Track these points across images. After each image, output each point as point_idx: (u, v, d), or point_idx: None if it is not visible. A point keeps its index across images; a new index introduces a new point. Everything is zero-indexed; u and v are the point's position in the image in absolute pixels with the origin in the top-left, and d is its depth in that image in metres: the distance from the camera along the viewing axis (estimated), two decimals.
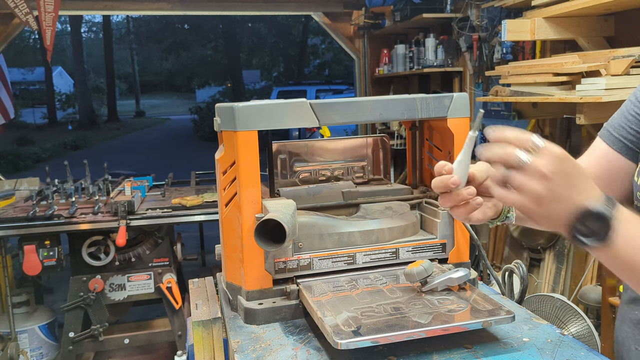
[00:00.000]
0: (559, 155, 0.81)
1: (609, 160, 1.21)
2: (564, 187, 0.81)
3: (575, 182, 0.81)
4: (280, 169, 1.71)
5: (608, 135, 1.23)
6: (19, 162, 14.22)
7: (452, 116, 1.48)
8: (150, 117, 31.57)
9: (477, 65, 4.12)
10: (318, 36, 26.34)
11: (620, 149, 1.20)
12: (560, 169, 0.81)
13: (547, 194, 0.81)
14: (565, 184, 0.81)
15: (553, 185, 0.80)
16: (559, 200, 0.81)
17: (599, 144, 1.26)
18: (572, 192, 0.81)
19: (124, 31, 33.88)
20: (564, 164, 0.81)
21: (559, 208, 0.82)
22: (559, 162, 0.81)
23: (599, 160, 1.24)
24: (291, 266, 1.39)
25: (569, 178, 0.81)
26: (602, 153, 1.23)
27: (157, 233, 3.41)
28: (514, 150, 0.84)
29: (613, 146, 1.21)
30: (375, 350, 1.16)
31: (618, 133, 1.21)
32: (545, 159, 0.81)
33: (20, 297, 3.58)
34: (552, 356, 1.15)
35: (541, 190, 0.81)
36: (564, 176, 0.81)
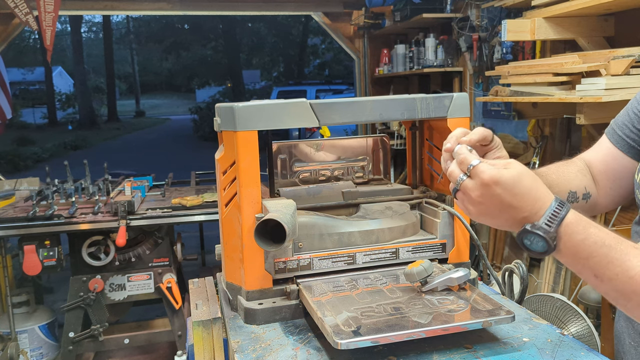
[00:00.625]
0: (486, 182, 0.85)
1: (614, 157, 1.22)
2: (496, 209, 0.86)
3: (508, 203, 0.85)
4: (280, 169, 1.71)
5: (612, 133, 1.23)
6: (19, 162, 14.22)
7: (452, 116, 1.48)
8: (150, 117, 31.57)
9: (477, 65, 4.12)
10: (318, 36, 26.35)
11: (623, 147, 1.21)
12: (487, 194, 0.85)
13: (481, 213, 0.88)
14: (496, 206, 0.86)
15: (484, 208, 0.87)
16: (495, 218, 0.88)
17: (604, 142, 1.26)
18: (506, 213, 0.86)
19: (124, 31, 33.88)
20: (491, 190, 0.85)
21: (499, 224, 0.88)
22: (485, 188, 0.85)
23: (605, 158, 1.24)
24: (291, 266, 1.39)
25: (500, 202, 0.85)
26: (608, 151, 1.23)
27: (157, 233, 3.41)
28: (456, 169, 0.90)
29: (617, 144, 1.22)
30: (375, 350, 1.16)
31: (621, 131, 1.21)
32: (473, 184, 0.87)
33: (20, 297, 3.58)
34: (552, 356, 1.15)
35: (474, 210, 0.89)
36: (493, 201, 0.85)
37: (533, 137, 3.54)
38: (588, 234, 0.86)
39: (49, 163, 6.91)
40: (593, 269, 0.86)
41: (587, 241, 0.85)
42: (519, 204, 0.85)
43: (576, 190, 1.23)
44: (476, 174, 0.86)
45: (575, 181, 1.24)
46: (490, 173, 0.85)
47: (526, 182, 0.86)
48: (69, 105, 28.23)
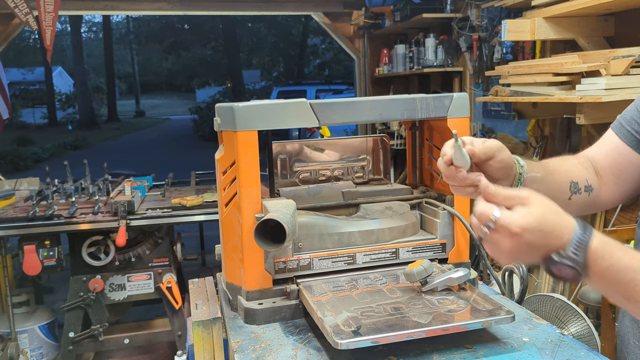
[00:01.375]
0: (514, 232, 0.85)
1: (620, 153, 1.20)
2: (527, 252, 0.87)
3: (539, 245, 0.86)
4: (280, 169, 1.71)
5: (620, 127, 1.21)
6: (19, 162, 14.22)
7: (452, 116, 1.48)
8: (150, 117, 31.57)
9: (477, 65, 4.12)
10: (318, 36, 26.34)
11: (631, 143, 1.19)
12: (517, 243, 0.86)
13: (513, 259, 0.89)
14: (526, 250, 0.86)
15: (516, 254, 0.87)
16: (526, 258, 0.88)
17: (610, 136, 1.23)
18: (537, 252, 0.86)
19: (124, 31, 33.88)
20: (521, 239, 0.85)
21: (529, 261, 0.89)
22: (515, 237, 0.86)
23: (610, 153, 1.22)
24: (291, 266, 1.39)
25: (530, 244, 0.86)
26: (614, 146, 1.21)
27: (157, 233, 3.41)
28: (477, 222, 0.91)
29: (624, 139, 1.20)
30: (375, 350, 1.16)
31: (630, 126, 1.19)
32: (501, 237, 0.87)
33: (20, 297, 3.58)
34: (552, 356, 1.15)
35: (506, 258, 0.89)
36: (522, 246, 0.86)
37: (533, 137, 3.54)
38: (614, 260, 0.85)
39: (49, 163, 6.91)
40: (623, 293, 0.86)
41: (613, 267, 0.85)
42: (547, 241, 0.86)
43: (578, 181, 1.21)
44: (502, 227, 0.86)
45: (577, 172, 1.22)
46: (517, 223, 0.85)
47: (551, 218, 0.87)
48: (69, 105, 28.23)
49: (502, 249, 0.88)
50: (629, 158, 1.19)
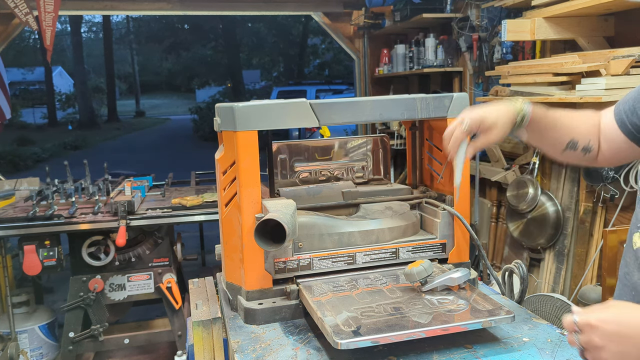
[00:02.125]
0: (592, 326, 0.90)
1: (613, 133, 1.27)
2: (627, 346, 0.88)
3: (625, 333, 0.89)
4: (280, 169, 1.72)
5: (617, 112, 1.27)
6: (19, 162, 14.21)
7: (452, 116, 1.48)
8: (150, 117, 31.55)
9: (477, 65, 4.12)
10: (318, 36, 26.32)
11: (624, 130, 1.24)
12: (606, 336, 0.89)
13: (611, 356, 0.89)
14: (625, 344, 0.89)
15: (617, 352, 0.89)
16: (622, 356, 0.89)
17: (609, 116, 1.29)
18: (629, 342, 0.89)
19: (124, 31, 33.84)
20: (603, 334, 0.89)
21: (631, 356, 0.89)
22: (596, 333, 0.90)
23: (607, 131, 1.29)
24: (291, 266, 1.39)
25: (619, 341, 0.89)
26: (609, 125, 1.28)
27: (157, 233, 3.41)
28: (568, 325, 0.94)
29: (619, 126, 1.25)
30: (375, 350, 1.16)
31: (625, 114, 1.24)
32: (588, 335, 0.91)
33: (20, 297, 3.58)
34: (552, 356, 1.15)
35: (605, 353, 0.90)
36: (619, 340, 0.89)
37: None
38: None
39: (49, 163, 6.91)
40: None
41: None
42: (631, 331, 0.88)
43: (578, 140, 1.30)
44: (583, 325, 0.91)
45: (582, 131, 1.31)
46: (594, 316, 0.90)
47: (626, 310, 0.92)
48: (69, 105, 28.20)
49: (601, 353, 0.90)
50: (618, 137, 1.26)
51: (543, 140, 1.34)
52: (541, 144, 1.37)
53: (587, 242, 3.06)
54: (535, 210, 3.34)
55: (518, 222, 3.50)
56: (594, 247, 3.01)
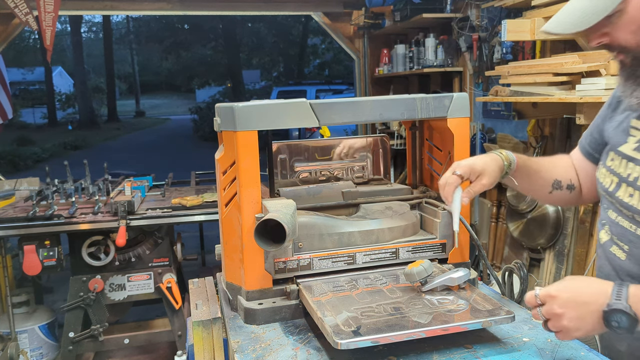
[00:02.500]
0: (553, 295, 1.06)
1: (582, 163, 1.43)
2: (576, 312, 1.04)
3: (580, 301, 1.04)
4: (280, 169, 1.72)
5: (580, 143, 1.43)
6: (19, 162, 14.21)
7: (452, 116, 1.48)
8: (150, 117, 31.54)
9: (477, 65, 4.12)
10: (318, 36, 26.32)
11: (587, 156, 1.40)
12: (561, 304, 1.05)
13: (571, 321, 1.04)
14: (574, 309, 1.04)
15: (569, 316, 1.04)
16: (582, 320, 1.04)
17: (577, 148, 1.45)
18: (584, 308, 1.04)
19: (124, 31, 33.84)
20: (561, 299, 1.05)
21: (590, 325, 1.04)
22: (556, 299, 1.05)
23: (578, 163, 1.44)
24: (291, 266, 1.39)
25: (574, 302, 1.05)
26: (578, 156, 1.44)
27: (157, 233, 3.41)
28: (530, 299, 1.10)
29: (583, 153, 1.42)
30: (375, 350, 1.16)
31: (586, 141, 1.41)
32: (549, 305, 1.06)
33: (20, 297, 3.58)
34: (552, 356, 1.15)
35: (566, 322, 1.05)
36: (569, 305, 1.04)
37: (533, 137, 3.54)
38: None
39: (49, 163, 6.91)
40: None
41: None
42: (585, 298, 1.04)
43: (561, 179, 1.43)
44: (544, 297, 1.07)
45: (561, 172, 1.44)
46: (553, 288, 1.07)
47: (580, 281, 1.09)
48: (69, 105, 28.20)
49: (561, 320, 1.05)
50: (587, 167, 1.41)
51: (532, 184, 1.43)
52: (530, 188, 1.46)
53: (587, 242, 3.06)
54: (535, 210, 3.34)
55: (518, 222, 3.50)
56: (593, 247, 3.01)
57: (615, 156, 1.24)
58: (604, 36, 1.12)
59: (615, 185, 1.22)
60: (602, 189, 1.28)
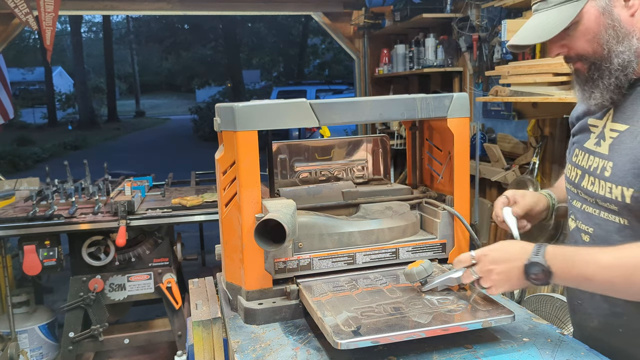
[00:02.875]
0: (483, 254, 1.22)
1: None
2: (502, 268, 1.19)
3: (504, 259, 1.19)
4: (280, 169, 1.71)
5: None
6: (19, 162, 14.20)
7: (452, 116, 1.48)
8: (150, 117, 31.54)
9: (477, 65, 4.12)
10: (318, 36, 26.32)
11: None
12: (489, 261, 1.20)
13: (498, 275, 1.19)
14: (500, 265, 1.19)
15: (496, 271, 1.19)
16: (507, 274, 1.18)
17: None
18: (508, 264, 1.18)
19: (124, 31, 33.84)
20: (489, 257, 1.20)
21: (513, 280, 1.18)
22: (485, 257, 1.21)
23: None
24: (291, 266, 1.39)
25: (500, 259, 1.20)
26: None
27: (157, 233, 3.41)
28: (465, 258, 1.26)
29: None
30: (375, 350, 1.16)
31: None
32: (481, 263, 1.21)
33: (20, 297, 3.58)
34: (552, 356, 1.15)
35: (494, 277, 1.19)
36: (495, 262, 1.20)
37: (533, 137, 3.54)
38: (564, 251, 1.17)
39: (49, 163, 6.91)
40: (580, 273, 1.14)
41: (565, 256, 1.16)
42: (510, 256, 1.19)
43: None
44: (478, 257, 1.22)
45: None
46: (484, 249, 1.23)
47: (509, 243, 1.23)
48: (69, 105, 28.20)
49: (491, 275, 1.19)
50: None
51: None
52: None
53: None
54: None
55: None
56: None
57: (579, 152, 1.38)
58: (563, 47, 1.26)
59: (579, 177, 1.35)
60: (569, 181, 1.41)
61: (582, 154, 1.36)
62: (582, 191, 1.34)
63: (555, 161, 3.39)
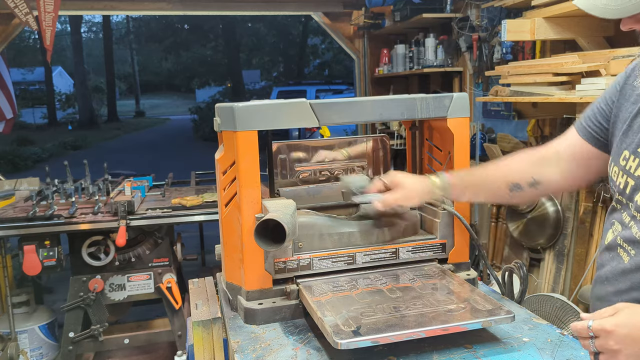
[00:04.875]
0: (609, 330, 0.98)
1: (580, 147, 1.34)
2: (635, 348, 0.96)
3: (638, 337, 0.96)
4: (280, 169, 1.71)
5: (579, 124, 1.35)
6: (19, 162, 14.20)
7: (452, 116, 1.48)
8: (150, 117, 31.53)
9: (477, 65, 4.12)
10: (318, 36, 26.31)
11: (588, 138, 1.32)
12: (619, 340, 0.97)
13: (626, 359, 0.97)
14: (632, 345, 0.96)
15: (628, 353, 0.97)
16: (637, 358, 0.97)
17: (571, 133, 1.37)
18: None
19: (124, 31, 33.84)
20: (618, 334, 0.97)
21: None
22: (613, 335, 0.97)
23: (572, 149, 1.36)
24: (291, 266, 1.39)
25: (632, 339, 0.97)
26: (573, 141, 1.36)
27: (157, 233, 3.40)
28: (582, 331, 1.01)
29: (582, 135, 1.33)
30: (375, 350, 1.16)
31: (586, 123, 1.32)
32: (604, 339, 0.98)
33: (20, 297, 3.57)
34: (552, 356, 1.15)
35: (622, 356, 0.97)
36: (626, 341, 0.97)
37: (533, 137, 3.54)
38: None
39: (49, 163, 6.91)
40: None
41: None
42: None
43: (519, 181, 1.40)
44: (598, 330, 0.99)
45: (518, 172, 1.41)
46: (608, 322, 0.98)
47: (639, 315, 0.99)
48: (69, 105, 28.18)
49: (617, 355, 0.97)
50: (589, 152, 1.33)
51: (481, 195, 1.53)
52: (478, 198, 1.55)
53: (587, 242, 3.06)
54: (535, 210, 3.34)
55: (518, 222, 3.50)
56: (594, 247, 3.01)
57: (629, 155, 1.16)
58: (637, 23, 1.13)
59: (630, 188, 1.14)
60: (617, 188, 1.20)
61: (633, 159, 1.14)
62: (634, 206, 1.12)
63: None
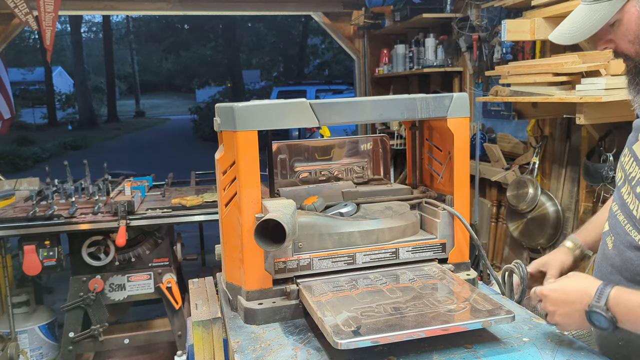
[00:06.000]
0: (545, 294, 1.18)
1: None
2: (564, 308, 1.14)
3: (566, 300, 1.14)
4: (280, 169, 1.71)
5: None
6: (19, 162, 14.20)
7: (452, 116, 1.48)
8: (150, 117, 31.52)
9: (477, 65, 4.12)
10: (318, 36, 26.30)
11: None
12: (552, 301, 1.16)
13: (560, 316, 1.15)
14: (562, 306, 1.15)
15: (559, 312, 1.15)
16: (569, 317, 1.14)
17: None
18: (569, 307, 1.14)
19: (124, 31, 33.84)
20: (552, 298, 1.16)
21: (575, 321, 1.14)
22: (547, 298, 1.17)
23: None
24: (291, 266, 1.39)
25: (562, 301, 1.15)
26: None
27: (157, 233, 3.40)
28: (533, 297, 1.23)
29: None
30: (375, 350, 1.16)
31: None
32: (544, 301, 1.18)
33: (20, 297, 3.58)
34: (552, 356, 1.15)
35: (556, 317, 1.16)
36: (558, 303, 1.15)
37: (533, 137, 3.54)
38: (630, 297, 1.07)
39: (49, 163, 6.91)
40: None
41: (630, 303, 1.07)
42: (570, 298, 1.14)
43: None
44: (540, 295, 1.19)
45: None
46: (545, 288, 1.19)
47: (571, 280, 1.18)
48: (69, 105, 28.18)
49: (554, 316, 1.16)
50: None
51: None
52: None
53: None
54: (535, 210, 3.34)
55: (518, 222, 3.50)
56: None
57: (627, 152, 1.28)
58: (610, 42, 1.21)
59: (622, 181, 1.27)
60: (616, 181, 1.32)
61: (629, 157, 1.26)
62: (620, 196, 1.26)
63: (555, 161, 3.39)
